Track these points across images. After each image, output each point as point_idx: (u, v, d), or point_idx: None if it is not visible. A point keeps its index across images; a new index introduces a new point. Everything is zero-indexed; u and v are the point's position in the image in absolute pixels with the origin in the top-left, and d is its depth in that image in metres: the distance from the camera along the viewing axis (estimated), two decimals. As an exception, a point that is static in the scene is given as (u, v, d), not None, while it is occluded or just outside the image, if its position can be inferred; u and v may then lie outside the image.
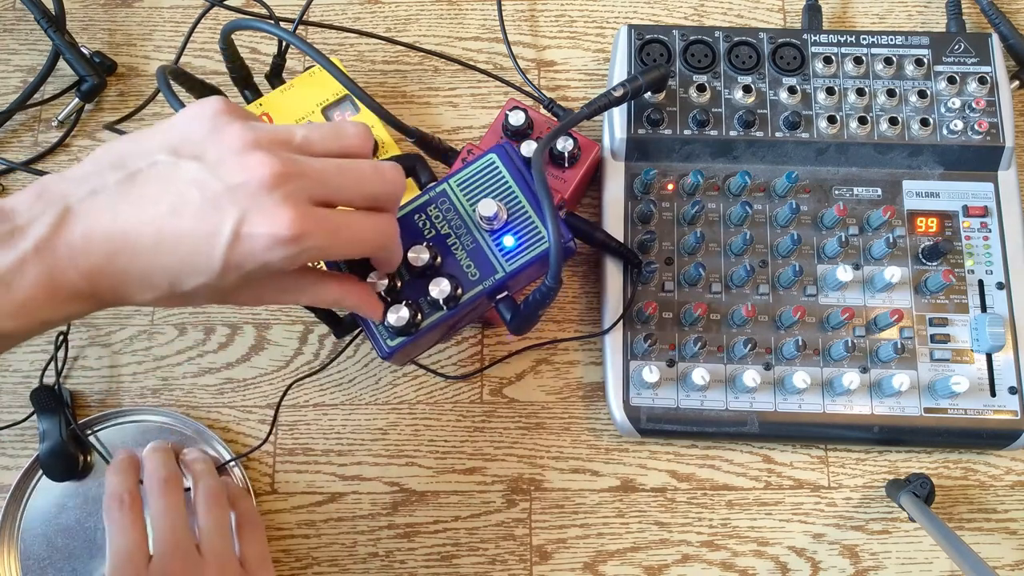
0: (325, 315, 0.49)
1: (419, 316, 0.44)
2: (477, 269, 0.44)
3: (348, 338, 0.58)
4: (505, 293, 0.45)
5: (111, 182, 0.33)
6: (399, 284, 0.44)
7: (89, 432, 0.56)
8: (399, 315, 0.43)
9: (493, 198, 0.44)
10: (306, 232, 0.33)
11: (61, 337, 0.58)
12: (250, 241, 0.32)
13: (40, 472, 0.55)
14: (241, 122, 0.34)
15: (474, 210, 0.44)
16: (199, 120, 0.34)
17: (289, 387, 0.58)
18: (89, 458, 0.56)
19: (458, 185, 0.45)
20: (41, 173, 0.62)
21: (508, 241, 0.44)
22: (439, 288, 0.43)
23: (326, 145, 0.37)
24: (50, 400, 0.56)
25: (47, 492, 0.55)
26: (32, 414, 0.56)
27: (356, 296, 0.42)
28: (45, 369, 0.58)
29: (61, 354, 0.58)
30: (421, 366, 0.58)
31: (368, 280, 0.43)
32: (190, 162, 0.33)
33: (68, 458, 0.54)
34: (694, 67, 0.58)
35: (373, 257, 0.41)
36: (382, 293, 0.43)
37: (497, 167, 0.45)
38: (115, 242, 0.32)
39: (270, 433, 0.57)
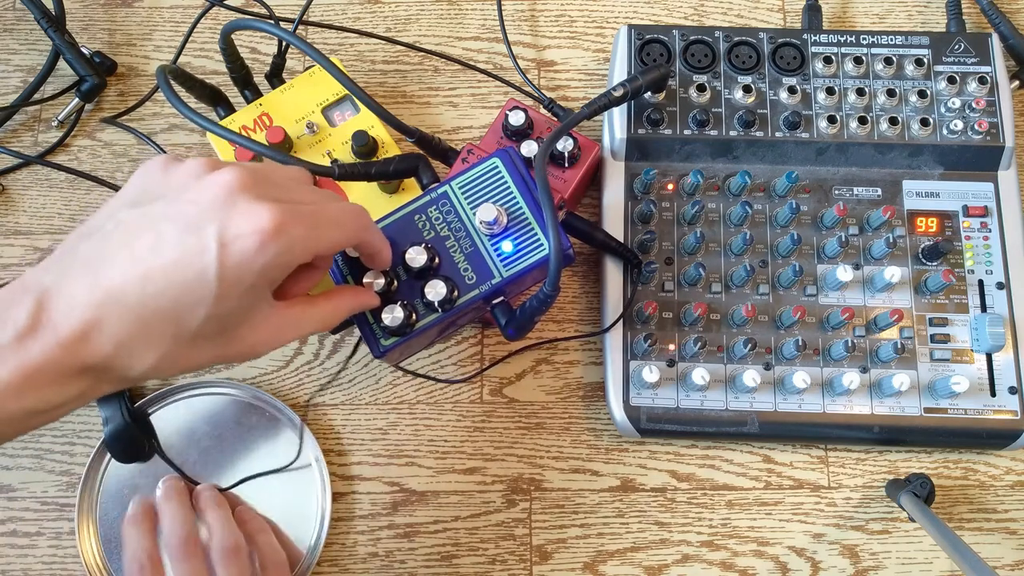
0: None
1: (414, 317, 0.44)
2: (474, 273, 0.44)
3: (356, 339, 0.58)
4: (501, 298, 0.45)
5: (82, 253, 0.33)
6: (395, 284, 0.44)
7: (151, 411, 0.57)
8: (394, 315, 0.43)
9: (494, 203, 0.44)
10: (286, 222, 0.33)
11: None
12: (239, 244, 0.32)
13: (108, 456, 0.56)
14: (189, 159, 0.35)
15: (474, 214, 0.44)
16: (149, 171, 0.35)
17: (312, 397, 0.58)
18: (154, 440, 0.56)
19: (460, 188, 0.45)
20: (48, 165, 0.62)
21: (507, 246, 0.44)
22: (435, 290, 0.43)
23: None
24: None
25: (118, 475, 0.56)
26: None
27: (351, 298, 0.42)
28: None
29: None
30: (419, 375, 0.58)
31: (365, 280, 0.43)
32: (154, 204, 0.33)
33: (133, 440, 0.55)
34: (694, 67, 0.58)
35: (361, 247, 0.41)
36: (377, 292, 0.44)
37: (500, 171, 0.45)
38: (100, 303, 0.31)
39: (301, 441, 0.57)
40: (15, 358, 0.31)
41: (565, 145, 0.53)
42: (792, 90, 0.57)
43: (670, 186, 0.57)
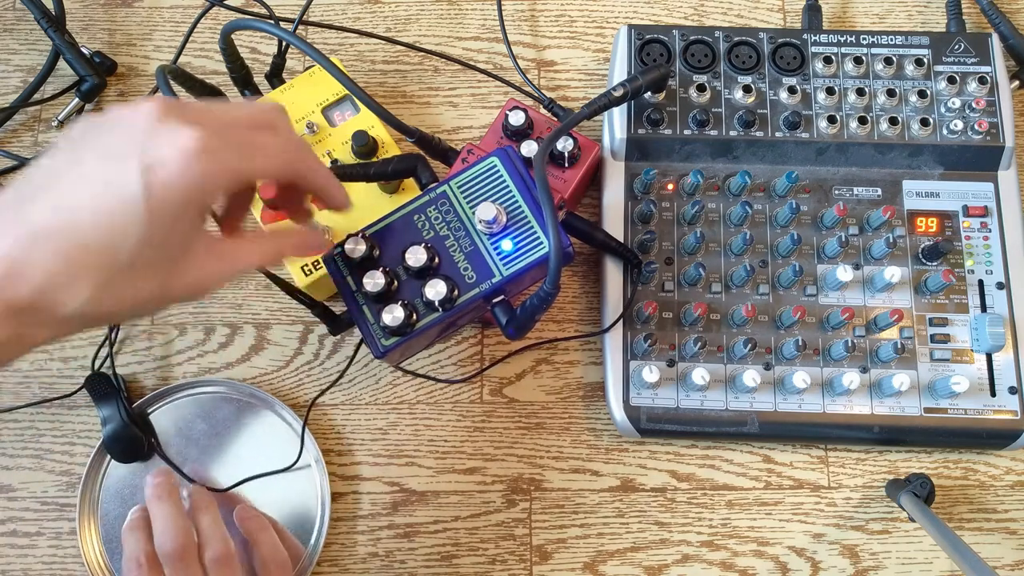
0: (321, 312, 0.49)
1: (414, 317, 0.44)
2: (474, 272, 0.44)
3: (357, 339, 0.58)
4: (501, 297, 0.45)
5: (7, 197, 0.32)
6: (395, 284, 0.44)
7: (150, 411, 0.57)
8: (394, 315, 0.43)
9: (493, 202, 0.44)
10: (212, 144, 0.32)
11: None
12: (162, 168, 0.31)
13: (109, 456, 0.56)
14: (120, 104, 0.34)
15: (473, 213, 0.44)
16: (79, 123, 0.34)
17: (314, 400, 0.58)
18: (154, 439, 0.56)
19: (459, 187, 0.45)
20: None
21: (506, 245, 0.44)
22: (435, 290, 0.43)
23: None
24: (105, 386, 0.56)
25: (119, 475, 0.56)
26: (80, 388, 0.57)
27: (297, 237, 0.41)
28: (95, 356, 0.58)
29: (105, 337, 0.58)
30: (419, 375, 0.58)
31: (365, 279, 0.43)
32: (77, 142, 0.32)
33: (132, 440, 0.55)
34: (694, 67, 0.58)
35: (307, 184, 0.39)
36: (378, 293, 0.43)
37: (498, 170, 0.45)
38: (23, 240, 0.30)
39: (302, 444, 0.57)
40: None
41: (565, 145, 0.53)
42: (792, 90, 0.57)
43: (670, 186, 0.57)
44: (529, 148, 0.53)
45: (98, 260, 0.31)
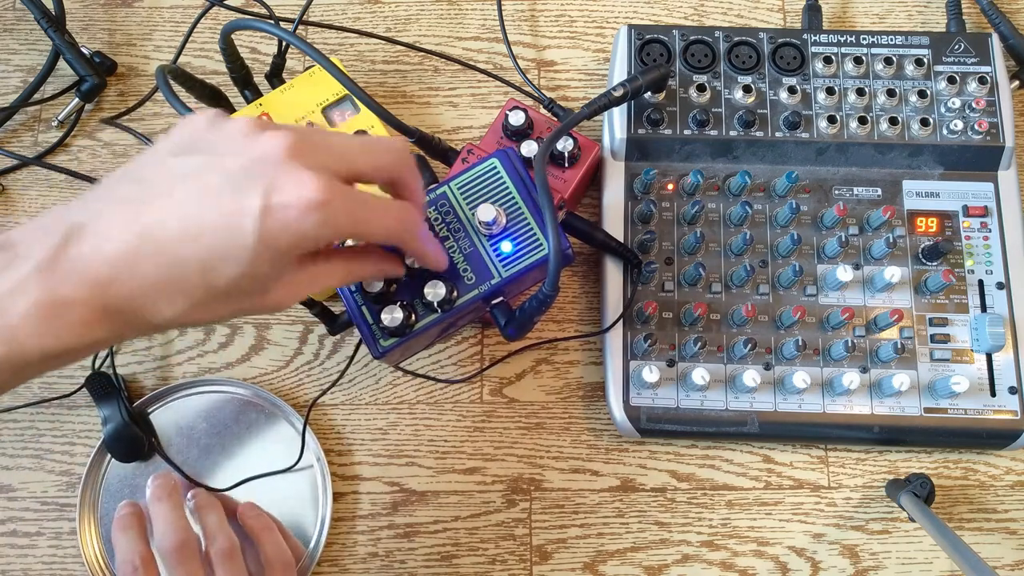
0: (320, 312, 0.49)
1: (413, 317, 0.44)
2: (473, 273, 0.44)
3: (357, 339, 0.58)
4: (500, 298, 0.45)
5: (120, 193, 0.32)
6: (395, 285, 0.44)
7: (150, 411, 0.57)
8: (393, 316, 0.43)
9: (493, 203, 0.44)
10: (333, 198, 0.32)
11: None
12: (281, 211, 0.31)
13: (109, 456, 0.56)
14: (238, 117, 0.34)
15: (473, 214, 0.44)
16: (195, 124, 0.34)
17: (315, 401, 0.58)
18: (154, 439, 0.56)
19: (458, 188, 0.45)
20: (45, 167, 0.62)
21: (506, 247, 0.44)
22: (434, 291, 0.43)
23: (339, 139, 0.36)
24: (105, 386, 0.56)
25: (120, 474, 0.56)
26: (80, 388, 0.57)
27: (376, 260, 0.41)
28: (95, 356, 0.58)
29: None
30: (419, 375, 0.58)
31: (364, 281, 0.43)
32: (202, 155, 0.32)
33: (132, 439, 0.55)
34: (694, 67, 0.58)
35: (408, 250, 0.40)
36: (377, 293, 0.43)
37: (498, 172, 0.45)
38: (131, 247, 0.30)
39: (303, 445, 0.57)
40: (36, 291, 0.29)
41: (565, 145, 0.53)
42: (792, 90, 0.57)
43: (670, 186, 0.57)
44: (529, 148, 0.53)
45: (198, 281, 0.31)
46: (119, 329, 0.32)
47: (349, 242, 0.41)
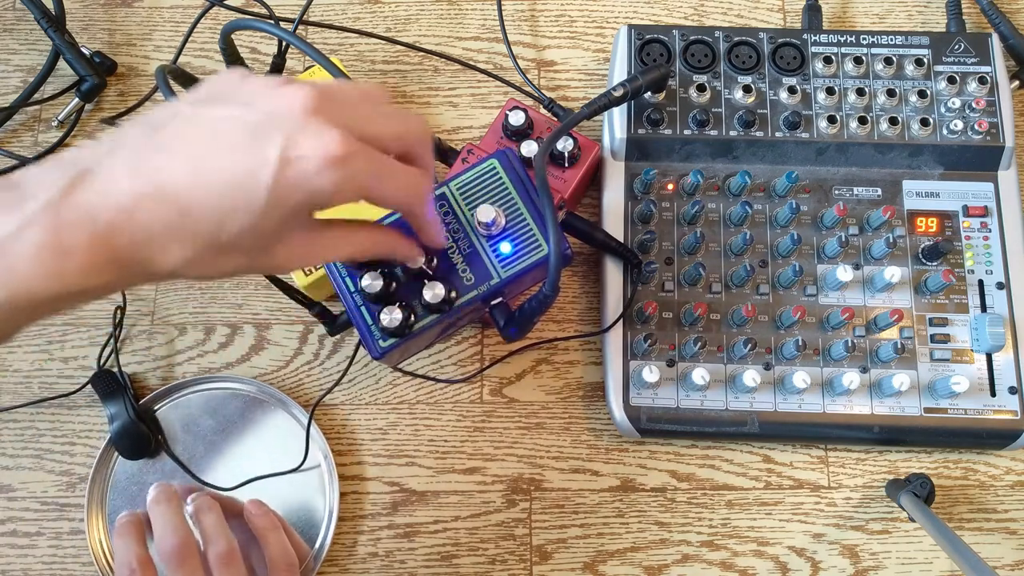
0: (320, 313, 0.49)
1: (412, 318, 0.44)
2: (473, 274, 0.44)
3: (356, 339, 0.58)
4: (500, 299, 0.45)
5: (132, 139, 0.31)
6: (394, 285, 0.44)
7: (156, 408, 0.57)
8: (392, 316, 0.43)
9: (492, 204, 0.44)
10: (353, 155, 0.31)
11: (119, 312, 0.59)
12: (300, 164, 0.30)
13: (116, 454, 0.56)
14: (265, 74, 0.33)
15: (472, 215, 0.44)
16: (223, 78, 0.33)
17: (319, 401, 0.58)
18: (161, 436, 0.56)
19: (458, 189, 0.45)
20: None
21: (505, 247, 0.44)
22: (433, 292, 0.43)
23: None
24: (111, 383, 0.56)
25: (127, 471, 0.56)
26: (81, 388, 0.57)
27: (392, 238, 0.40)
28: (101, 354, 0.58)
29: (108, 335, 0.58)
30: (419, 375, 0.58)
31: (364, 280, 0.43)
32: (220, 106, 0.32)
33: (139, 437, 0.55)
34: (694, 67, 0.58)
35: (413, 221, 0.39)
36: (376, 294, 0.43)
37: (498, 172, 0.45)
38: (139, 192, 0.30)
39: (307, 449, 0.57)
40: (40, 233, 0.29)
41: (565, 145, 0.53)
42: (792, 90, 0.57)
43: (670, 186, 0.57)
44: (529, 148, 0.53)
45: (200, 232, 0.31)
46: (121, 276, 0.31)
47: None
